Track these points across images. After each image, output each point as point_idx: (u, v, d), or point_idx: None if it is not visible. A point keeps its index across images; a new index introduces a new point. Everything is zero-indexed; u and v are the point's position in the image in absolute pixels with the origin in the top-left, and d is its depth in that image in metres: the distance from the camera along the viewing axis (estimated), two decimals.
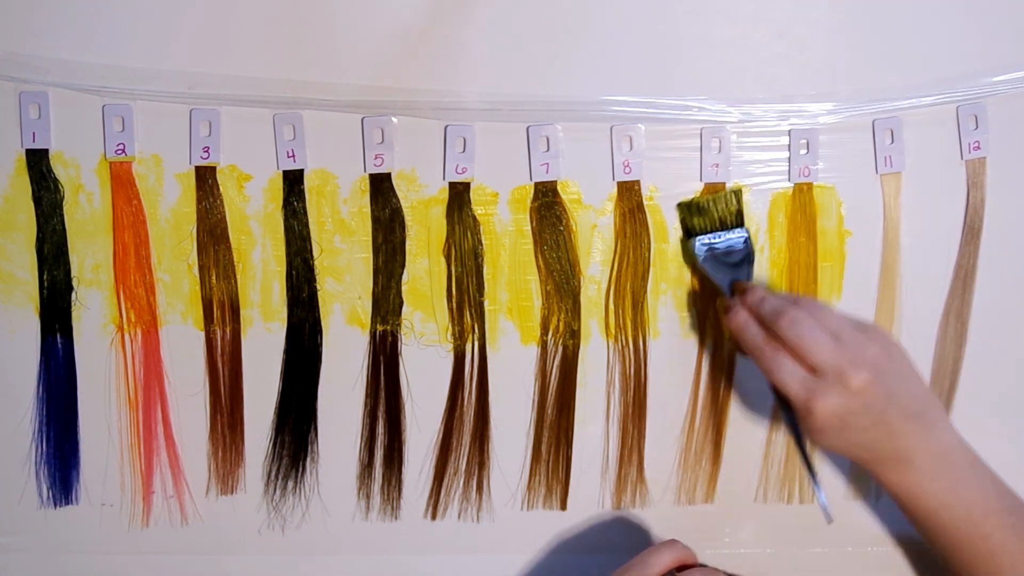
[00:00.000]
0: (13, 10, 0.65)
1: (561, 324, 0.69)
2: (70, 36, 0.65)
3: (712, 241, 0.66)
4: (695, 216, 0.67)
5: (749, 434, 0.70)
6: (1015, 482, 0.71)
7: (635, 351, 0.69)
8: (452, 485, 0.70)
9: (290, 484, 0.70)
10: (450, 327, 0.69)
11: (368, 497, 0.70)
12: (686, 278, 0.69)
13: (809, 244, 0.68)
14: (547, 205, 0.68)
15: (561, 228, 0.68)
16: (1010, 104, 0.68)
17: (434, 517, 0.70)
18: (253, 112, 0.66)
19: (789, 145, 0.67)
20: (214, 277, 0.68)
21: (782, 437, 0.70)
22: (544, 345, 0.69)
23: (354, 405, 0.69)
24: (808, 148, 0.67)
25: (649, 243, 0.68)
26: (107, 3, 0.65)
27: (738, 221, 0.67)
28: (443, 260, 0.68)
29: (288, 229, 0.68)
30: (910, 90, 0.67)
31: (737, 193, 0.67)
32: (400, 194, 0.68)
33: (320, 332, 0.69)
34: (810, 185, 0.68)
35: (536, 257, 0.68)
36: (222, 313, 0.68)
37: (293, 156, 0.67)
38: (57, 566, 0.71)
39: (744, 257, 0.66)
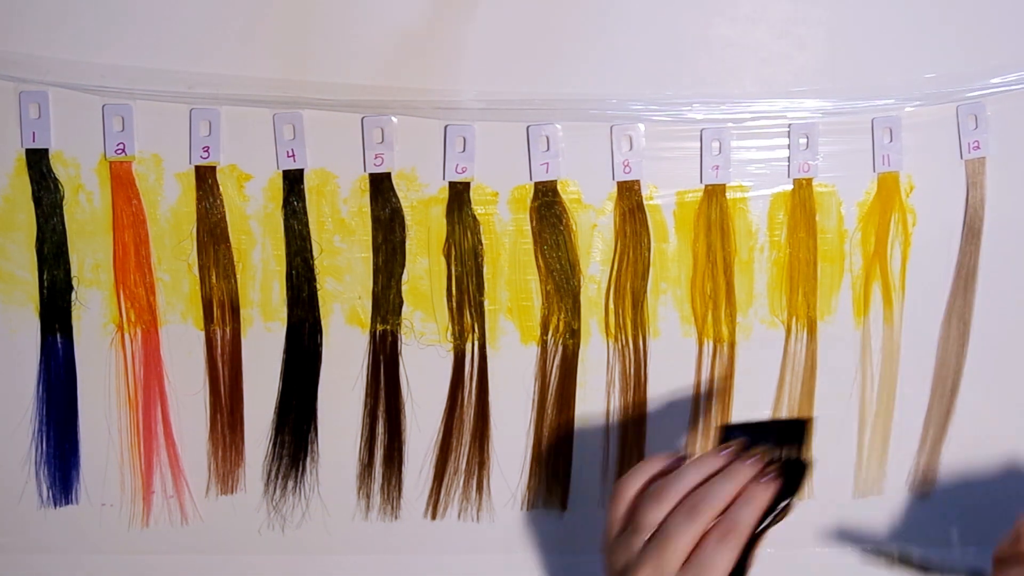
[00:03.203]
0: (13, 10, 0.65)
1: (561, 324, 0.69)
2: (70, 36, 0.65)
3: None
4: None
5: None
6: (1018, 485, 0.71)
7: (635, 351, 0.69)
8: (452, 485, 0.70)
9: (290, 484, 0.70)
10: (450, 327, 0.69)
11: (368, 497, 0.70)
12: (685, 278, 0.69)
13: (809, 240, 0.68)
14: (547, 205, 0.68)
15: (561, 228, 0.68)
16: (1010, 104, 0.68)
17: (434, 517, 0.70)
18: (253, 112, 0.66)
19: (789, 140, 0.67)
20: (214, 277, 0.68)
21: None
22: (544, 345, 0.69)
23: (354, 405, 0.69)
24: (808, 144, 0.67)
25: (649, 243, 0.68)
26: (107, 3, 0.65)
27: None
28: (443, 260, 0.68)
29: (288, 229, 0.68)
30: (909, 89, 0.67)
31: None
32: (400, 194, 0.68)
33: (320, 332, 0.69)
34: (809, 181, 0.68)
35: (536, 257, 0.68)
36: (222, 313, 0.68)
37: (293, 156, 0.67)
38: (57, 566, 0.71)
39: None
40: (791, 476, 0.53)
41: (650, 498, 0.52)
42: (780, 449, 0.55)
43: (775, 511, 0.52)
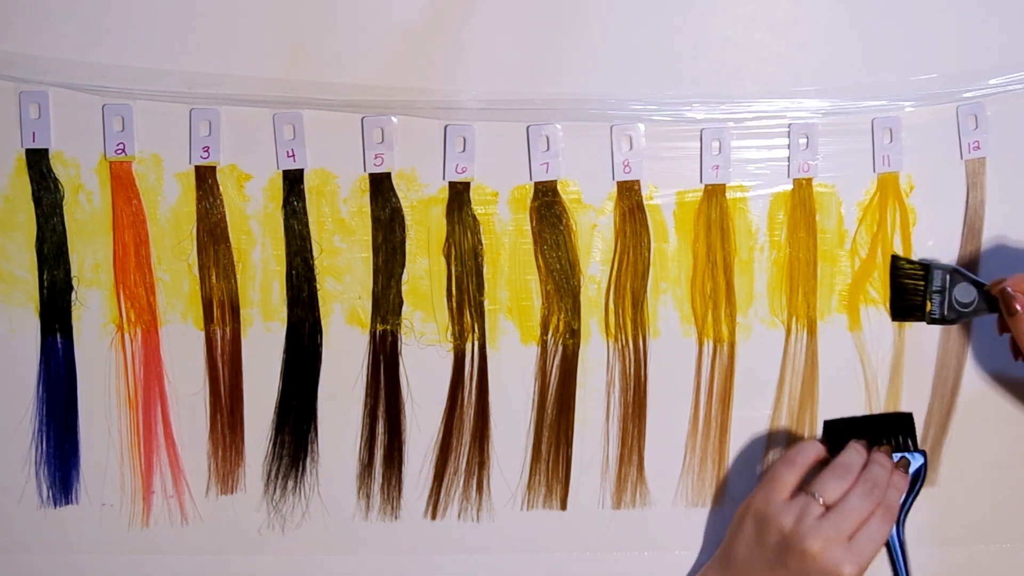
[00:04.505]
0: (13, 10, 0.65)
1: (561, 324, 0.69)
2: (70, 36, 0.65)
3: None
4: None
5: (749, 434, 0.70)
6: (1018, 485, 0.71)
7: (635, 351, 0.69)
8: (452, 485, 0.70)
9: (290, 484, 0.70)
10: (450, 327, 0.69)
11: (368, 497, 0.70)
12: (684, 278, 0.69)
13: (809, 239, 0.68)
14: (547, 205, 0.68)
15: (561, 228, 0.68)
16: (1010, 104, 0.68)
17: (434, 517, 0.70)
18: (253, 112, 0.66)
19: (789, 140, 0.67)
20: (214, 277, 0.68)
21: (783, 436, 0.70)
22: (544, 345, 0.69)
23: (354, 405, 0.69)
24: (808, 143, 0.67)
25: (649, 242, 0.68)
26: (107, 3, 0.65)
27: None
28: (443, 260, 0.68)
29: (288, 229, 0.68)
30: (909, 89, 0.67)
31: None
32: (400, 194, 0.68)
33: (320, 332, 0.69)
34: (809, 181, 0.68)
35: (536, 257, 0.68)
36: (222, 313, 0.68)
37: (293, 156, 0.67)
38: (57, 566, 0.71)
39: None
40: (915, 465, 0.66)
41: (834, 475, 0.62)
42: (894, 441, 0.67)
43: (912, 494, 0.66)
